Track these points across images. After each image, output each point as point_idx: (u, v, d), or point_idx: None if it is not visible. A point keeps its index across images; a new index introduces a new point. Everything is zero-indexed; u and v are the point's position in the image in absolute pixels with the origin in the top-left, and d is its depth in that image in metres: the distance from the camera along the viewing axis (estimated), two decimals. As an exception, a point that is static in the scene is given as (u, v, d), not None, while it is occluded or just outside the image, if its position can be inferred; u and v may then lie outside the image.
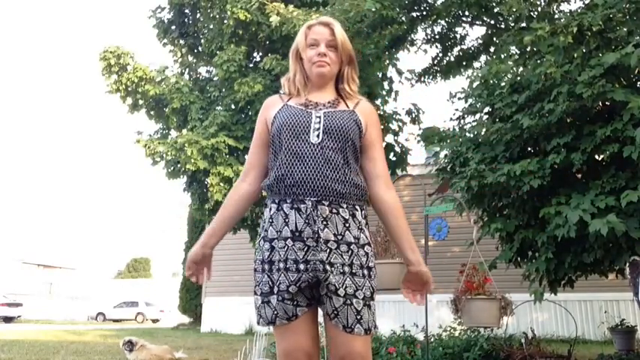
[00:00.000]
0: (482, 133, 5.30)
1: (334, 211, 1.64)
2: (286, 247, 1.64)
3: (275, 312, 1.65)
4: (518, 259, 5.32)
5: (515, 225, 5.07)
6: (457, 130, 5.76)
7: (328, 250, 1.62)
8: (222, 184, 8.07)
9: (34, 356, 6.37)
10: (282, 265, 1.64)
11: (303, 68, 1.84)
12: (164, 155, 8.40)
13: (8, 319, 21.41)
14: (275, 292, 1.65)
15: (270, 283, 1.66)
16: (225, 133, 8.18)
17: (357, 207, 1.69)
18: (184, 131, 8.30)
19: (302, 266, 1.63)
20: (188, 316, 17.50)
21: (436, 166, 5.82)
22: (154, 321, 27.04)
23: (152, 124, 9.66)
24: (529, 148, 5.16)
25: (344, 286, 1.61)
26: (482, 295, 4.03)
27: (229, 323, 13.48)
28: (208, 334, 13.00)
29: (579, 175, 4.81)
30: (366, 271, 1.65)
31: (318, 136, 1.68)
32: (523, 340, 5.53)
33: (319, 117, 1.72)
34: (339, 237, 1.63)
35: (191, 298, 16.77)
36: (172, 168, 8.63)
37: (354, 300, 1.61)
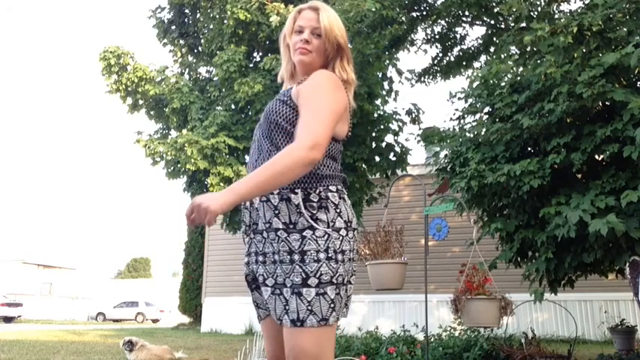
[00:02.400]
0: (482, 133, 5.30)
1: (263, 199, 1.51)
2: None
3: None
4: (518, 259, 5.32)
5: (515, 225, 5.07)
6: (457, 130, 5.76)
7: (263, 240, 1.53)
8: (222, 184, 8.06)
9: (34, 356, 6.37)
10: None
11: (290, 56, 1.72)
12: (164, 155, 8.39)
13: (8, 319, 21.41)
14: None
15: None
16: (225, 133, 8.17)
17: (297, 190, 1.48)
18: (184, 131, 8.30)
19: (245, 259, 1.61)
20: (188, 316, 17.50)
21: (436, 166, 5.82)
22: (154, 321, 27.04)
23: (152, 124, 9.67)
24: (529, 148, 5.16)
25: (274, 276, 1.49)
26: (482, 295, 4.02)
27: (229, 323, 13.48)
28: (208, 334, 13.00)
29: (579, 175, 4.81)
30: (297, 256, 1.44)
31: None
32: (523, 340, 5.53)
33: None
34: (268, 225, 1.51)
35: (191, 298, 16.77)
36: (172, 168, 8.63)
37: (284, 289, 1.45)
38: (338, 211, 1.49)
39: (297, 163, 1.39)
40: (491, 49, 9.54)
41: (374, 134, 8.45)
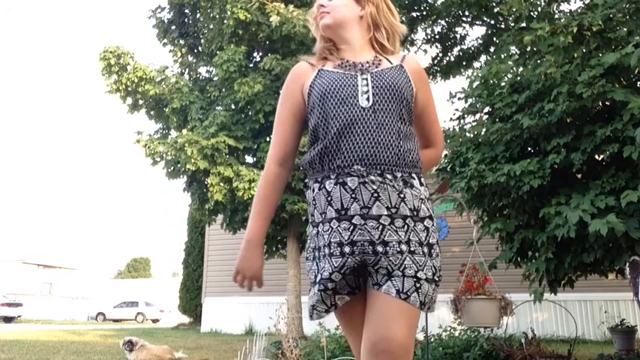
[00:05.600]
0: (482, 133, 5.30)
1: (387, 180, 1.39)
2: (330, 230, 1.40)
3: (313, 304, 1.44)
4: (518, 259, 5.32)
5: (515, 225, 5.07)
6: (457, 130, 5.76)
7: (380, 227, 1.37)
8: (222, 184, 8.07)
9: (34, 356, 6.37)
10: (326, 250, 1.41)
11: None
12: (164, 155, 8.40)
13: (8, 319, 21.41)
14: (317, 280, 1.43)
15: (316, 271, 1.44)
16: (225, 133, 8.18)
17: (414, 175, 1.44)
18: (184, 131, 8.30)
19: (347, 249, 1.38)
20: (188, 316, 17.50)
21: (436, 166, 5.81)
22: (154, 321, 27.04)
23: (152, 124, 9.68)
24: (529, 148, 5.16)
25: (401, 268, 1.36)
26: (482, 295, 4.02)
27: (229, 323, 13.48)
28: (208, 334, 13.00)
29: (579, 175, 4.81)
30: (426, 249, 1.42)
31: (368, 99, 1.43)
32: (523, 340, 5.53)
33: (366, 78, 1.47)
34: (393, 210, 1.38)
35: (191, 298, 16.77)
36: (172, 168, 8.63)
37: (420, 276, 1.39)
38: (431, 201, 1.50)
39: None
40: (492, 49, 9.54)
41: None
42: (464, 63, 10.09)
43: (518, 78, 5.26)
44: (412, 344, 1.37)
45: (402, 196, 1.39)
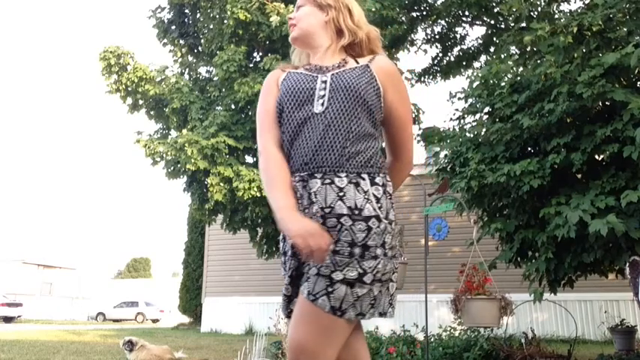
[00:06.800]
0: (482, 133, 5.30)
1: (327, 181, 1.36)
2: None
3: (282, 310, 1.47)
4: (518, 259, 5.32)
5: (515, 225, 5.07)
6: (457, 130, 5.76)
7: None
8: (222, 184, 8.07)
9: (34, 356, 6.37)
10: (286, 255, 1.46)
11: None
12: (164, 155, 8.40)
13: (8, 319, 21.41)
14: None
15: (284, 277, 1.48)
16: (225, 133, 8.17)
17: (365, 175, 1.38)
18: (184, 131, 8.30)
19: (290, 251, 1.41)
20: (188, 316, 17.50)
21: (436, 166, 5.82)
22: (154, 321, 27.04)
23: (152, 124, 9.67)
24: (529, 148, 5.16)
25: (320, 266, 1.31)
26: (482, 295, 4.03)
27: (229, 323, 13.48)
28: (208, 334, 13.00)
29: (579, 175, 4.81)
30: (357, 250, 1.30)
31: (322, 104, 1.43)
32: (523, 340, 5.53)
33: (325, 80, 1.47)
34: (327, 210, 1.34)
35: (191, 298, 16.77)
36: (172, 168, 8.63)
37: (326, 280, 1.30)
38: (391, 202, 1.42)
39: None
40: (492, 49, 9.54)
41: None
42: (464, 63, 10.09)
43: (518, 78, 5.26)
44: (318, 350, 1.29)
45: (340, 194, 1.35)
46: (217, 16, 8.78)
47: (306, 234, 1.26)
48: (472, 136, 5.48)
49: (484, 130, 5.27)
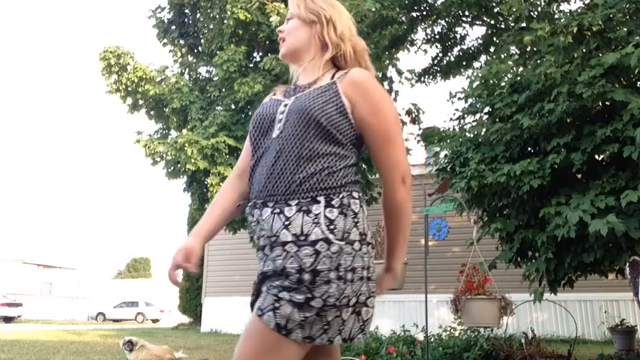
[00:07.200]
0: (482, 133, 5.30)
1: (277, 211, 1.31)
2: None
3: None
4: (518, 259, 5.32)
5: (515, 225, 5.07)
6: (457, 130, 5.76)
7: (264, 257, 1.32)
8: (222, 184, 8.06)
9: (34, 356, 6.37)
10: None
11: None
12: (164, 155, 8.40)
13: (8, 319, 21.42)
14: None
15: None
16: (225, 133, 8.18)
17: (321, 197, 1.30)
18: (184, 131, 8.30)
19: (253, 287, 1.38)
20: (188, 316, 17.51)
21: (436, 166, 5.82)
22: (154, 321, 27.05)
23: (152, 124, 9.67)
24: (529, 148, 5.16)
25: (269, 284, 1.28)
26: (482, 295, 4.03)
27: (229, 323, 13.48)
28: (208, 334, 13.00)
29: (579, 175, 4.81)
30: (307, 276, 1.23)
31: (279, 128, 1.39)
32: (523, 340, 5.53)
33: (286, 104, 1.43)
34: (273, 239, 1.29)
35: (191, 298, 16.78)
36: (172, 168, 8.63)
37: (274, 296, 1.25)
38: (356, 221, 1.31)
39: (408, 206, 1.53)
40: (492, 49, 9.54)
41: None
42: (464, 63, 10.10)
43: (518, 78, 5.26)
44: None
45: (287, 223, 1.28)
46: (217, 16, 8.79)
47: (175, 252, 1.45)
48: (472, 136, 5.48)
49: (484, 130, 5.27)
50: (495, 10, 8.76)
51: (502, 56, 7.26)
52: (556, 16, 7.04)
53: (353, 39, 1.54)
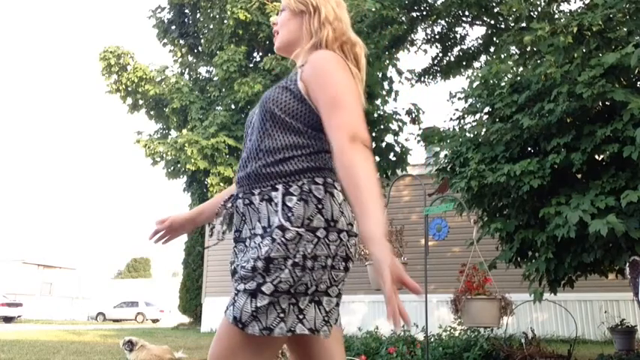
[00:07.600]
0: (482, 133, 5.30)
1: (247, 202, 1.34)
2: None
3: None
4: (518, 259, 5.32)
5: (515, 225, 5.07)
6: (457, 130, 5.76)
7: (244, 249, 1.37)
8: (222, 184, 8.07)
9: (34, 356, 6.37)
10: None
11: None
12: (164, 155, 8.41)
13: (8, 319, 21.41)
14: None
15: None
16: (225, 133, 8.18)
17: (280, 185, 1.29)
18: (184, 131, 8.31)
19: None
20: (188, 316, 17.50)
21: (436, 166, 5.82)
22: (154, 321, 27.05)
23: (152, 124, 9.68)
24: (529, 148, 5.16)
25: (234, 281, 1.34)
26: (482, 295, 4.02)
27: (229, 323, 13.48)
28: (208, 334, 12.99)
29: (579, 175, 4.81)
30: (260, 263, 1.21)
31: (253, 123, 1.47)
32: (523, 340, 5.53)
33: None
34: (237, 234, 1.37)
35: (191, 298, 16.77)
36: (172, 168, 8.64)
37: (234, 291, 1.28)
38: (320, 207, 1.25)
39: (362, 164, 1.20)
40: (492, 49, 9.55)
41: (374, 134, 8.46)
42: (464, 63, 10.11)
43: (518, 78, 5.26)
44: None
45: (260, 215, 1.31)
46: (217, 16, 8.79)
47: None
48: (472, 136, 5.48)
49: (484, 130, 5.27)
50: (495, 10, 8.77)
51: (502, 56, 7.26)
52: (556, 16, 7.05)
53: (335, 22, 1.49)
